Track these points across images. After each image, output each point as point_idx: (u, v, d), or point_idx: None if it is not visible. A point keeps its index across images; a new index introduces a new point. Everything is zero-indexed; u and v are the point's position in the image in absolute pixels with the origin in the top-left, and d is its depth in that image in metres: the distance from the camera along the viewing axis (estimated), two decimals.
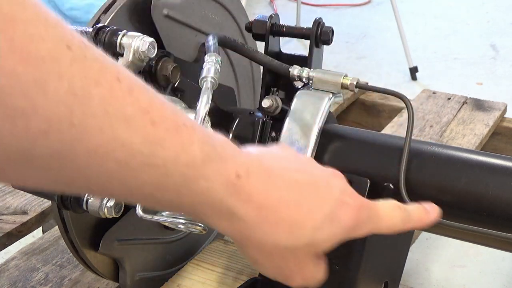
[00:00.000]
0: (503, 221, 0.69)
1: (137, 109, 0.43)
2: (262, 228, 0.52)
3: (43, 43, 0.38)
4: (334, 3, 3.40)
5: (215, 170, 0.49)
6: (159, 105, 0.46)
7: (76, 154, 0.41)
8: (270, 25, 0.84)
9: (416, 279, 1.31)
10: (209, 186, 0.49)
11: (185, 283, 0.88)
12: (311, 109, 0.77)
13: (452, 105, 1.50)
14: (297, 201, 0.53)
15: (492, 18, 3.20)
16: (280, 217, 0.52)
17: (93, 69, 0.41)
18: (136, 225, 0.83)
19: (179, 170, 0.46)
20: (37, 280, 0.95)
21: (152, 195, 0.47)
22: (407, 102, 0.77)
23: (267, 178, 0.52)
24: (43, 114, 0.38)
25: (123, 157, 0.43)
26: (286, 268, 0.56)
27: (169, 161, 0.46)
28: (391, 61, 2.72)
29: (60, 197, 0.72)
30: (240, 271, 0.90)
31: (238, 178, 0.50)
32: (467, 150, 0.81)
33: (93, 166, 0.42)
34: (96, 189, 0.47)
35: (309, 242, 0.54)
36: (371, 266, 0.77)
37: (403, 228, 0.62)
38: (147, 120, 0.44)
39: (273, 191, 0.52)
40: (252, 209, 0.51)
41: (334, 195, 0.55)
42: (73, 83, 0.39)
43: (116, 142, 0.42)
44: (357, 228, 0.57)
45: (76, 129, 0.40)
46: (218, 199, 0.50)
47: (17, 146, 0.39)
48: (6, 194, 1.12)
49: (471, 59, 2.75)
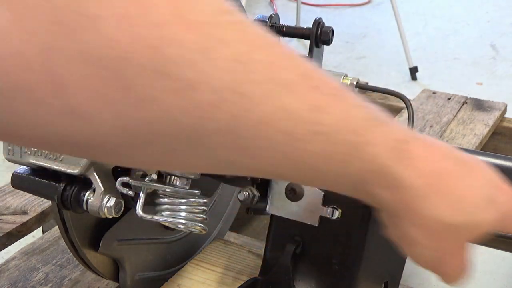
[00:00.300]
0: None
1: (300, 75, 0.41)
2: (429, 198, 0.48)
3: (204, 8, 0.36)
4: (334, 3, 3.40)
5: (381, 134, 0.45)
6: (318, 71, 0.43)
7: (244, 127, 0.39)
8: (270, 25, 0.84)
9: (416, 279, 1.31)
10: (376, 151, 0.45)
11: (185, 283, 0.88)
12: None
13: (452, 105, 1.50)
14: (459, 176, 0.50)
15: (492, 18, 3.20)
16: (446, 188, 0.48)
17: (252, 34, 0.39)
18: (136, 225, 0.83)
19: (346, 136, 0.43)
20: (37, 280, 0.95)
21: (317, 168, 0.44)
22: (407, 102, 0.77)
23: (434, 149, 0.49)
24: (211, 83, 0.36)
25: (290, 126, 0.40)
26: (443, 251, 0.52)
27: (335, 127, 0.43)
28: (391, 61, 2.72)
29: (60, 197, 0.72)
30: (240, 271, 0.90)
31: (403, 142, 0.47)
32: (467, 150, 0.81)
33: (259, 139, 0.40)
34: (258, 167, 0.43)
35: (471, 221, 0.50)
36: (371, 266, 0.77)
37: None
38: (310, 86, 0.41)
39: (437, 160, 0.49)
40: (419, 177, 0.47)
41: (491, 177, 0.52)
42: (237, 48, 0.37)
43: (283, 110, 0.40)
44: (507, 220, 0.52)
45: (244, 98, 0.38)
46: (386, 166, 0.46)
47: (187, 123, 0.37)
48: (6, 194, 1.12)
49: (471, 59, 2.75)
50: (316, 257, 0.76)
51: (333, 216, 0.74)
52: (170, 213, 0.73)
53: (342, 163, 0.44)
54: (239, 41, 0.38)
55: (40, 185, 0.73)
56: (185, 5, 0.35)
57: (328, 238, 0.75)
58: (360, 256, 0.74)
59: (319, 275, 0.76)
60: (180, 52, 0.35)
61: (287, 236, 0.77)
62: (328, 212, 0.74)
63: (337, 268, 0.75)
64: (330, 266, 0.75)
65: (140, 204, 0.71)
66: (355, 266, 0.74)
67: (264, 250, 0.80)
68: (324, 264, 0.76)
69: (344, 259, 0.75)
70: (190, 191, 0.73)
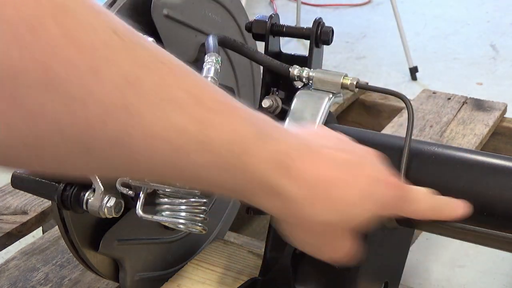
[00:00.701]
0: (503, 221, 0.69)
1: (188, 92, 0.44)
2: (308, 206, 0.54)
3: (94, 31, 0.38)
4: (334, 3, 3.40)
5: (267, 150, 0.50)
6: (209, 88, 0.47)
7: (133, 140, 0.42)
8: (270, 25, 0.84)
9: (416, 279, 1.31)
10: (258, 164, 0.49)
11: (185, 283, 0.88)
12: (311, 109, 0.77)
13: (452, 105, 1.50)
14: (338, 180, 0.55)
15: (492, 18, 3.20)
16: (324, 194, 0.54)
17: (142, 55, 0.42)
18: (136, 225, 0.83)
19: (232, 150, 0.47)
20: (37, 280, 0.95)
21: (205, 178, 0.48)
22: (407, 102, 0.76)
23: (316, 158, 0.54)
24: (100, 100, 0.39)
25: (178, 141, 0.44)
26: (322, 242, 0.60)
27: (221, 142, 0.46)
28: (391, 61, 2.72)
29: (60, 197, 0.72)
30: (240, 271, 0.90)
31: (289, 158, 0.51)
32: (467, 150, 0.81)
33: (148, 152, 0.43)
34: (148, 173, 0.48)
35: (345, 217, 0.56)
36: (371, 266, 0.77)
37: (431, 216, 0.64)
38: (199, 103, 0.45)
39: (317, 168, 0.54)
40: (299, 188, 0.52)
41: (372, 173, 0.58)
42: (124, 69, 0.40)
43: (171, 127, 0.43)
44: (388, 207, 0.59)
45: (132, 115, 0.40)
46: (268, 178, 0.51)
47: (78, 136, 0.39)
48: (6, 194, 1.12)
49: (471, 59, 2.75)
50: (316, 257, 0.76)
51: None
52: (170, 213, 0.73)
53: (227, 173, 0.49)
54: (128, 61, 0.40)
55: (40, 185, 0.73)
56: (77, 27, 0.37)
57: None
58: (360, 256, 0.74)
59: (319, 275, 0.76)
60: (70, 71, 0.37)
61: None
62: None
63: (337, 268, 0.75)
64: (330, 266, 0.75)
65: (140, 204, 0.71)
66: (355, 266, 0.74)
67: (264, 250, 0.80)
68: (324, 264, 0.76)
69: None
70: (190, 191, 0.73)
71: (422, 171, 0.74)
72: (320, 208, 0.54)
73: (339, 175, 0.55)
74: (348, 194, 0.56)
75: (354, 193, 0.56)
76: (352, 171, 0.57)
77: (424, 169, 0.74)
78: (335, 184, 0.55)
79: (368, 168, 0.58)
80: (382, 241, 0.78)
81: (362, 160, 0.59)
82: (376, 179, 0.58)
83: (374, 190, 0.58)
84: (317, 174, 0.54)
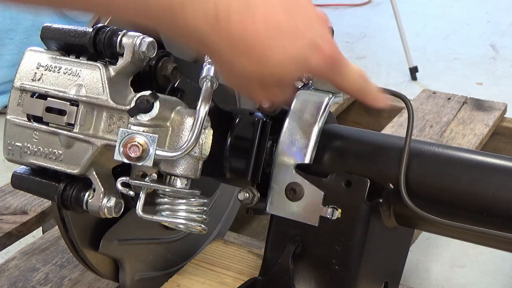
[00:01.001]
0: (503, 221, 0.69)
1: None
2: (232, 59, 0.59)
3: None
4: (334, 3, 3.40)
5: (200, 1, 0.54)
6: None
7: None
8: None
9: (416, 279, 1.31)
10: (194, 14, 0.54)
11: (185, 283, 0.88)
12: (311, 109, 0.77)
13: (452, 105, 1.50)
14: (273, 38, 0.58)
15: (492, 18, 3.21)
16: (250, 50, 0.58)
17: None
18: (136, 225, 0.83)
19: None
20: (37, 280, 0.95)
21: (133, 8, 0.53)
22: (407, 102, 0.77)
23: (248, 16, 0.56)
24: None
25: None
26: (251, 89, 0.64)
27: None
28: (391, 61, 2.72)
29: (60, 197, 0.72)
30: (240, 271, 0.90)
31: (218, 14, 0.55)
32: (467, 150, 0.81)
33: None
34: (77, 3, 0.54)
35: (270, 71, 0.60)
36: (371, 266, 0.77)
37: (357, 95, 0.69)
38: None
39: (250, 25, 0.56)
40: (226, 45, 0.57)
41: (310, 37, 0.60)
42: None
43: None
44: (317, 73, 0.64)
45: None
46: (199, 29, 0.55)
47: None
48: (6, 194, 1.12)
49: (471, 59, 2.75)
50: (316, 257, 0.76)
51: (333, 216, 0.74)
52: (170, 213, 0.73)
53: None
54: None
55: (40, 185, 0.73)
56: None
57: (328, 238, 0.75)
58: (360, 256, 0.74)
59: (319, 275, 0.76)
60: None
61: (287, 236, 0.77)
62: (328, 212, 0.74)
63: (337, 268, 0.75)
64: (330, 266, 0.75)
65: (140, 204, 0.71)
66: (355, 266, 0.74)
67: (264, 250, 0.80)
68: (324, 264, 0.76)
69: (344, 259, 0.75)
70: (190, 191, 0.73)
71: (422, 171, 0.74)
72: (243, 61, 0.58)
73: (268, 34, 0.57)
74: (277, 53, 0.58)
75: (279, 53, 0.58)
76: (288, 33, 0.58)
77: (424, 169, 0.74)
78: (259, 42, 0.57)
79: (309, 33, 0.60)
80: (382, 241, 0.78)
81: (301, 23, 0.60)
82: (314, 46, 0.60)
83: (310, 57, 0.60)
84: (243, 29, 0.56)
